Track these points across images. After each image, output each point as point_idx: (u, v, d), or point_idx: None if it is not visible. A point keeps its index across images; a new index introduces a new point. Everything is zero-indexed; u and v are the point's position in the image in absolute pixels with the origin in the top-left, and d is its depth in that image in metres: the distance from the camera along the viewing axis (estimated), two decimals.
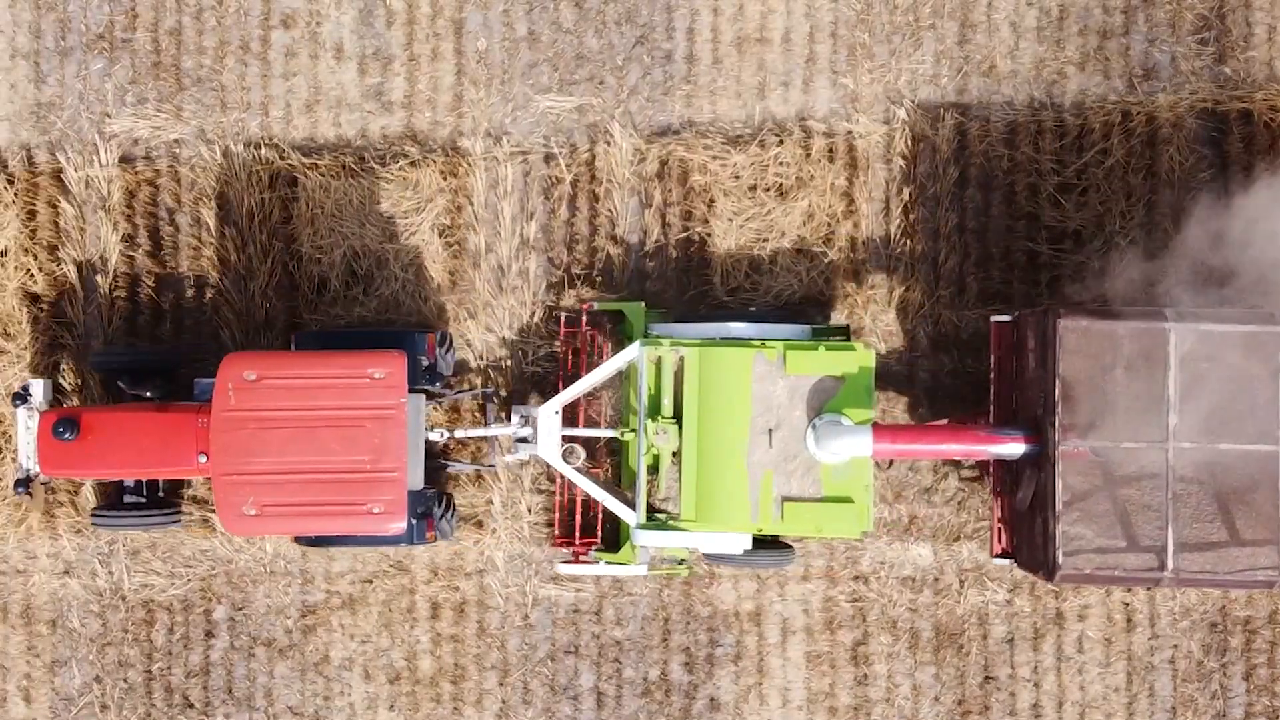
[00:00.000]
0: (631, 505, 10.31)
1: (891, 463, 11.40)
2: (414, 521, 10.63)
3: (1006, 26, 11.68)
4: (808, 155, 11.47)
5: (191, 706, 11.61)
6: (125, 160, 11.60)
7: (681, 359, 10.12)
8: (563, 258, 11.59)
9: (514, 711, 11.65)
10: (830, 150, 11.56)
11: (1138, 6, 11.64)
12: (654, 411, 10.22)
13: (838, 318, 11.53)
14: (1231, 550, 9.75)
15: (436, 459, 11.39)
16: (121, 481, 10.99)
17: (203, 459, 10.30)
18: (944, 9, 11.68)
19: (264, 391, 10.10)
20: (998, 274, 11.60)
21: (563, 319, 11.32)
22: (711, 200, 11.51)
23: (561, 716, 11.67)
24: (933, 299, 11.51)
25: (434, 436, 11.07)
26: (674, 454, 10.26)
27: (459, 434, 11.17)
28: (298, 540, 11.14)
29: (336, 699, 11.63)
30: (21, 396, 10.69)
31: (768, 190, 11.46)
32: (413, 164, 11.54)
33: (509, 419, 10.91)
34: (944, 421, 11.17)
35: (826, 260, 11.50)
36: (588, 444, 10.99)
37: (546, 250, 11.69)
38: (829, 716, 11.64)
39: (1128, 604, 11.58)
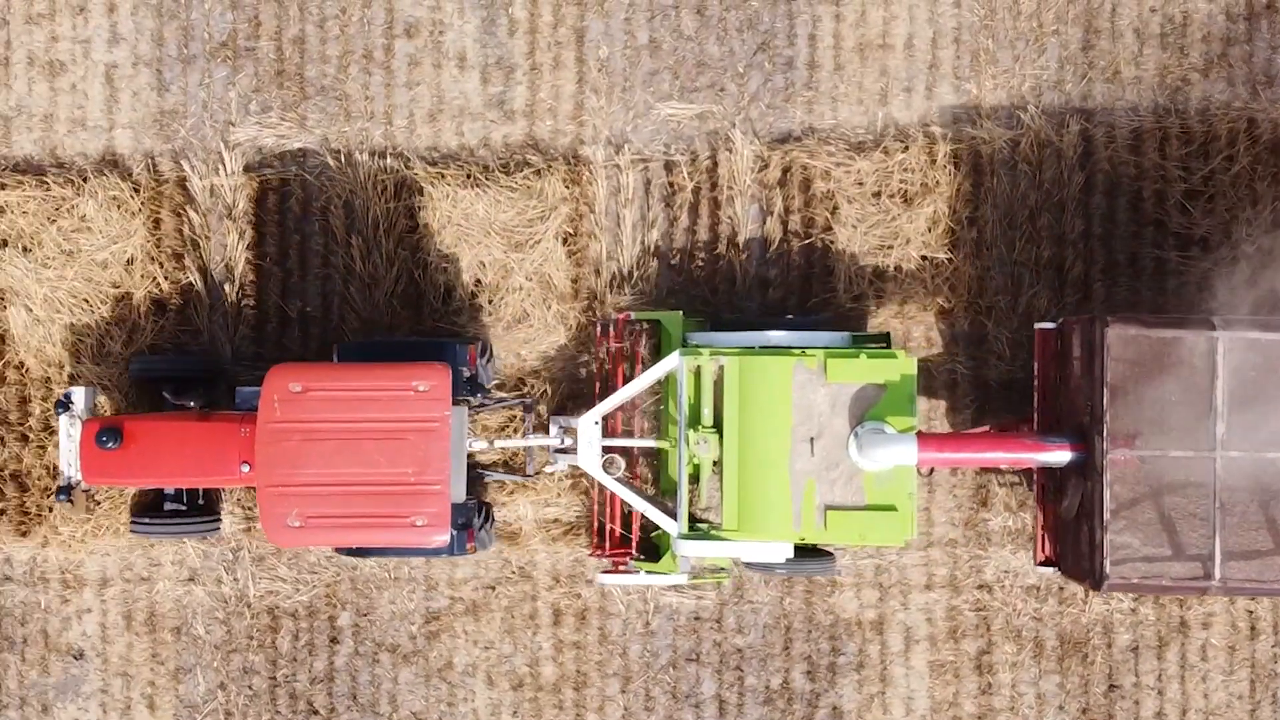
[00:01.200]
0: (673, 515, 10.29)
1: (932, 470, 11.37)
2: (455, 533, 10.63)
3: (1130, 33, 11.60)
4: (932, 161, 11.43)
5: (316, 713, 11.66)
6: (250, 168, 11.65)
7: (721, 368, 10.07)
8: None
9: (636, 718, 11.65)
10: (955, 156, 11.52)
11: (1260, 14, 11.56)
12: (694, 421, 10.17)
13: (960, 326, 11.50)
14: (1276, 559, 9.71)
15: (475, 469, 11.38)
16: (162, 489, 11.04)
17: (245, 468, 10.36)
18: (1067, 15, 11.62)
19: (309, 403, 10.12)
20: (1125, 281, 11.53)
21: (599, 329, 11.29)
22: (835, 207, 11.48)
23: None
24: (1059, 305, 11.45)
25: (476, 447, 11.03)
26: (715, 463, 10.21)
27: (499, 444, 11.13)
28: (339, 550, 11.17)
29: (460, 705, 11.66)
30: (64, 404, 10.75)
31: (892, 197, 11.42)
32: (537, 173, 11.55)
33: (548, 430, 10.92)
34: (985, 428, 11.12)
35: (952, 267, 11.46)
36: (624, 454, 10.96)
37: (669, 258, 11.70)
38: None
39: (1251, 611, 11.50)
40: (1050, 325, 10.70)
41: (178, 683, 11.65)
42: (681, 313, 11.07)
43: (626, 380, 10.75)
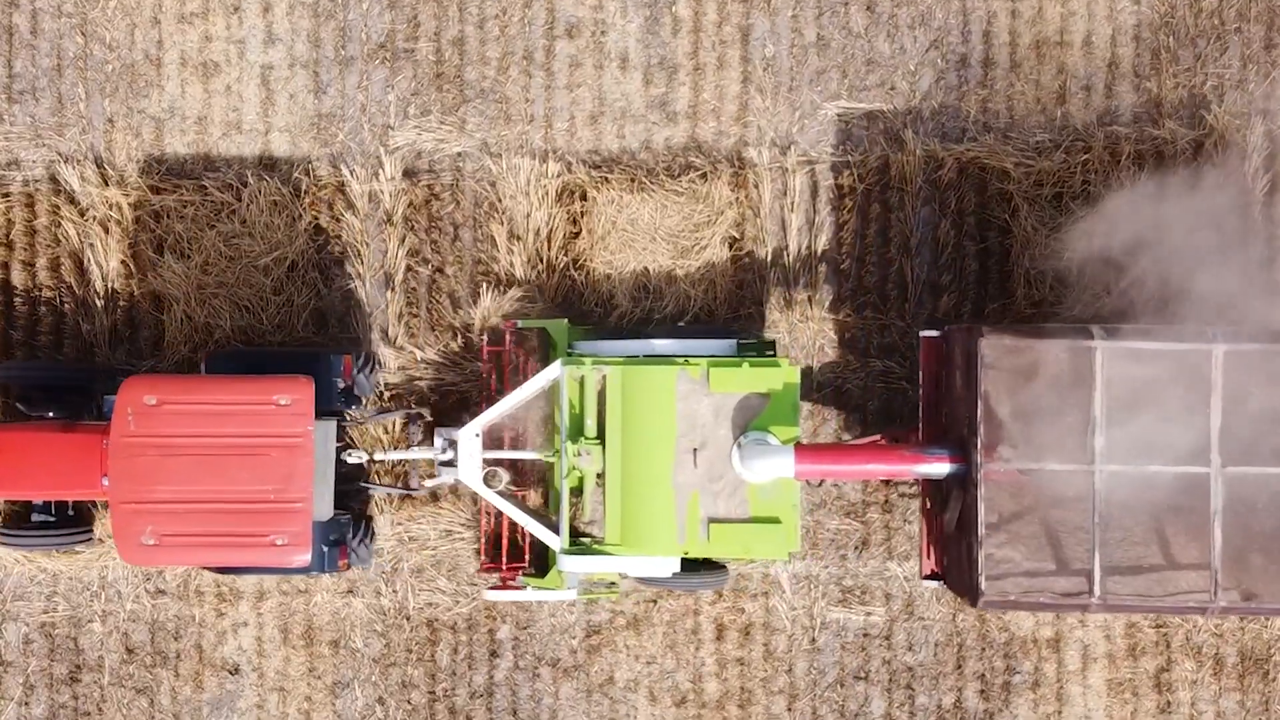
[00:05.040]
0: (556, 530, 9.98)
1: (823, 482, 10.99)
2: (325, 549, 10.36)
3: None
4: (1116, 161, 11.04)
5: None
6: (409, 174, 11.39)
7: (604, 377, 9.75)
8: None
9: None
10: (1137, 157, 11.12)
11: None
12: (577, 432, 9.84)
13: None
14: (1164, 574, 9.39)
15: (356, 481, 11.07)
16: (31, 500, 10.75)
17: (106, 481, 10.01)
18: (1249, 12, 11.19)
19: (165, 417, 9.77)
20: None
21: (485, 339, 10.95)
22: (1014, 209, 11.11)
23: None
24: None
25: (353, 459, 10.68)
26: (598, 476, 9.89)
27: (380, 456, 10.79)
28: (206, 569, 10.86)
29: None
30: None
31: (1075, 199, 11.03)
32: (702, 176, 11.24)
33: (433, 441, 10.53)
34: (875, 438, 10.76)
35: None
36: (520, 468, 10.62)
37: (837, 263, 11.36)
38: None
39: None
40: (934, 333, 10.41)
41: (335, 697, 11.43)
42: (567, 320, 10.76)
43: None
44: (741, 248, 11.35)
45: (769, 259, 11.32)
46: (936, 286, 11.28)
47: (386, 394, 11.36)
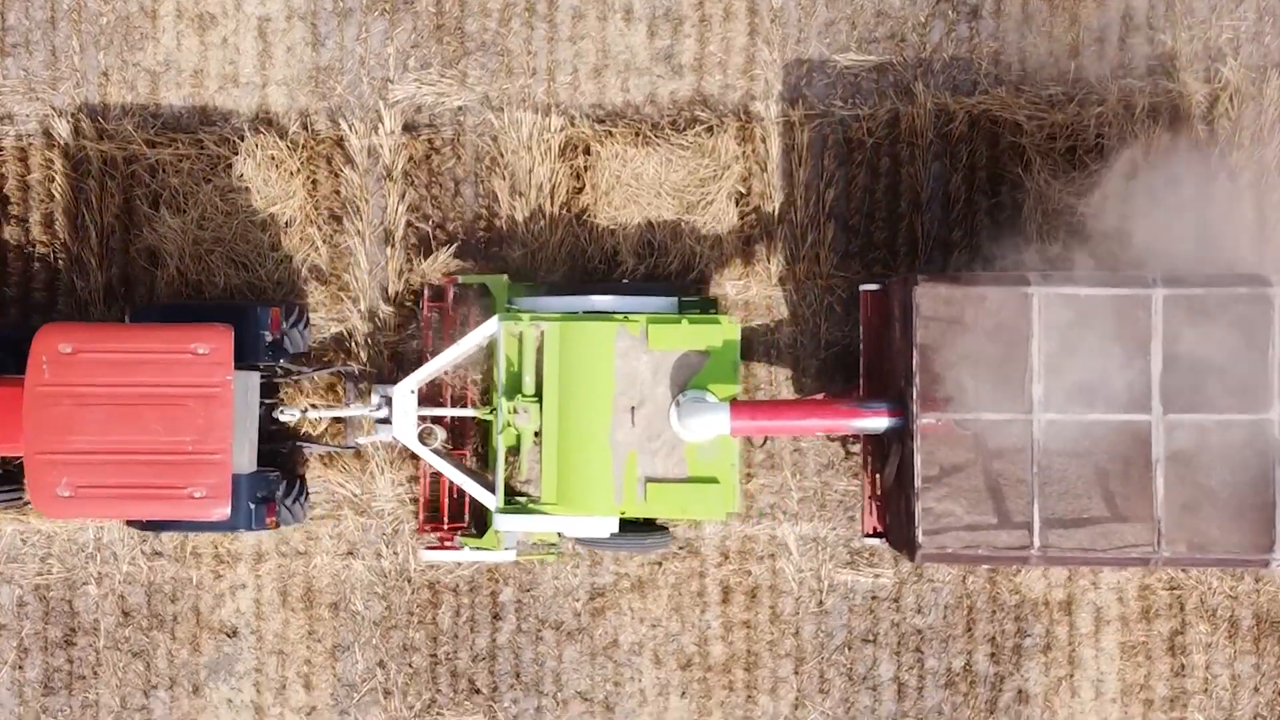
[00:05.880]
0: (492, 489, 9.79)
1: (766, 440, 10.83)
2: (252, 506, 10.15)
3: None
4: (1130, 115, 10.82)
5: (478, 692, 11.22)
6: (408, 128, 11.17)
7: (542, 334, 9.55)
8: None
9: (810, 701, 11.15)
10: (1152, 110, 10.89)
11: None
12: (514, 390, 9.65)
13: None
14: (1106, 526, 9.20)
15: (292, 440, 10.86)
16: None
17: None
18: None
19: (81, 366, 9.54)
20: None
21: (425, 294, 10.77)
22: (1027, 163, 10.89)
23: (860, 707, 11.15)
24: None
25: (285, 417, 10.48)
26: (535, 434, 9.68)
27: (313, 415, 10.58)
28: (130, 524, 10.64)
29: (627, 684, 11.18)
30: None
31: (1089, 152, 10.82)
32: (709, 129, 11.01)
33: (372, 398, 10.32)
34: (820, 397, 10.58)
35: None
36: (459, 425, 10.40)
37: (846, 218, 11.14)
38: (1144, 709, 11.03)
39: None
40: (875, 287, 10.26)
41: (335, 660, 11.24)
42: (507, 276, 10.56)
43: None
44: (748, 203, 11.13)
45: (776, 214, 11.11)
46: (948, 243, 11.06)
47: (386, 353, 11.15)
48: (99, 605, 11.24)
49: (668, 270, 10.98)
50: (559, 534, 10.52)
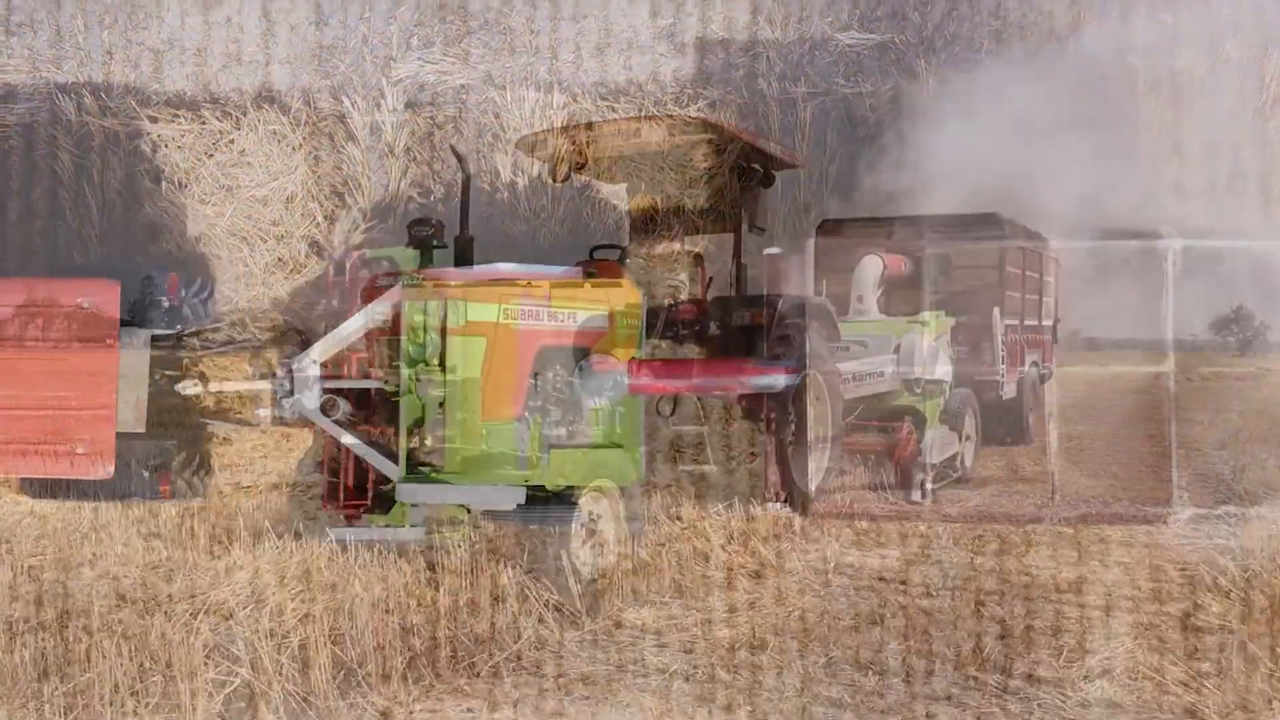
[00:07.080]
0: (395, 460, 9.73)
1: (675, 409, 10.73)
2: (146, 474, 10.04)
3: None
4: (1133, 93, 10.88)
5: (478, 675, 11.01)
6: (411, 105, 11.23)
7: (445, 303, 9.53)
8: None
9: (816, 684, 10.94)
10: (1147, 86, 10.96)
11: None
12: (418, 359, 9.64)
13: None
14: (1003, 482, 9.38)
15: (195, 415, 10.78)
16: None
17: None
18: None
19: None
20: None
21: (332, 268, 10.74)
22: None
23: (867, 690, 10.91)
24: None
25: (188, 390, 10.36)
26: (440, 405, 9.63)
27: (214, 387, 10.49)
28: (22, 489, 10.48)
29: (630, 668, 10.98)
30: None
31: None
32: (711, 105, 11.07)
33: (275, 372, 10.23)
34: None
35: None
36: (367, 398, 10.36)
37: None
38: (1157, 692, 10.81)
39: None
40: (777, 251, 10.34)
41: (333, 643, 11.02)
42: (416, 250, 10.45)
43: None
44: (750, 179, 11.14)
45: (780, 189, 11.12)
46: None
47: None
48: (93, 587, 11.08)
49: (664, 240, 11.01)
50: (466, 510, 10.37)
